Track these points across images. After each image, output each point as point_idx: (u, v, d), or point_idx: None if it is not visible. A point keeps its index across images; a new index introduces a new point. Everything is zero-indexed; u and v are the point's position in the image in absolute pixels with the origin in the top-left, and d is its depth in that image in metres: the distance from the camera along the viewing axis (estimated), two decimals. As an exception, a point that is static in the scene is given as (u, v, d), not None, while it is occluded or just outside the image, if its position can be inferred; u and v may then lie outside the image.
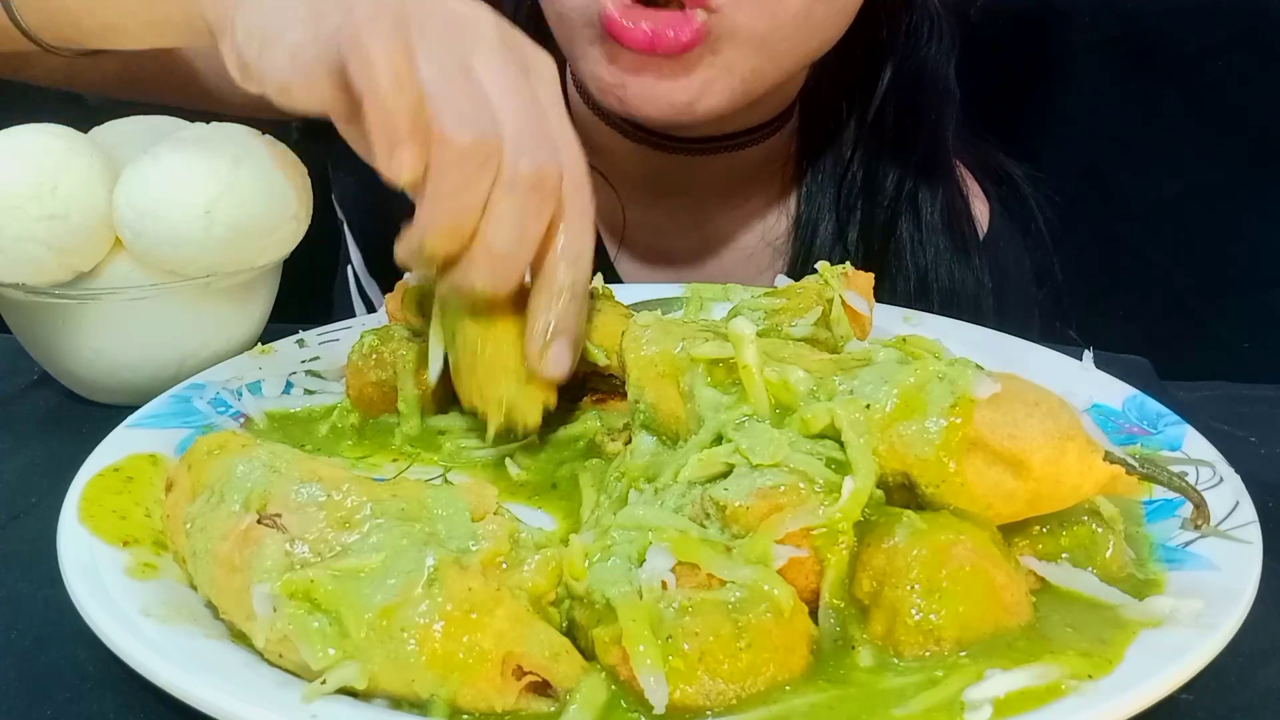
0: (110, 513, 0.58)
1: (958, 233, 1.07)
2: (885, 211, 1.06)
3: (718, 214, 1.12)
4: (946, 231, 1.06)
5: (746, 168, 1.10)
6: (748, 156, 1.09)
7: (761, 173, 1.11)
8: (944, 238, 1.06)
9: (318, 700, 0.44)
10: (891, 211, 1.06)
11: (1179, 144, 1.34)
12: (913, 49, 1.05)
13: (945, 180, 1.08)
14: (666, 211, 1.12)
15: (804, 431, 0.53)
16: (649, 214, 1.11)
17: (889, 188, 1.06)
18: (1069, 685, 0.45)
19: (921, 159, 1.06)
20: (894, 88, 1.05)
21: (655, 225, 1.12)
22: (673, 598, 0.46)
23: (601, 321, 0.72)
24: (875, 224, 1.06)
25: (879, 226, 1.06)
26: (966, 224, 1.09)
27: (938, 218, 1.06)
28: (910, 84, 1.06)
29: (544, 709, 0.45)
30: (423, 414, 0.73)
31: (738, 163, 1.09)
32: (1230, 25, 1.29)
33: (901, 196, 1.06)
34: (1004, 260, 1.14)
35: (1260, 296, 1.34)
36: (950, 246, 1.06)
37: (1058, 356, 0.78)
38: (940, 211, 1.06)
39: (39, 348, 0.80)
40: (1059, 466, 0.51)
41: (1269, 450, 0.75)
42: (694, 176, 1.09)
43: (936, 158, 1.08)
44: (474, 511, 0.50)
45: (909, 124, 1.06)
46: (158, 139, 0.78)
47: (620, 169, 1.09)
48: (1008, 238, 1.16)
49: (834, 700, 0.45)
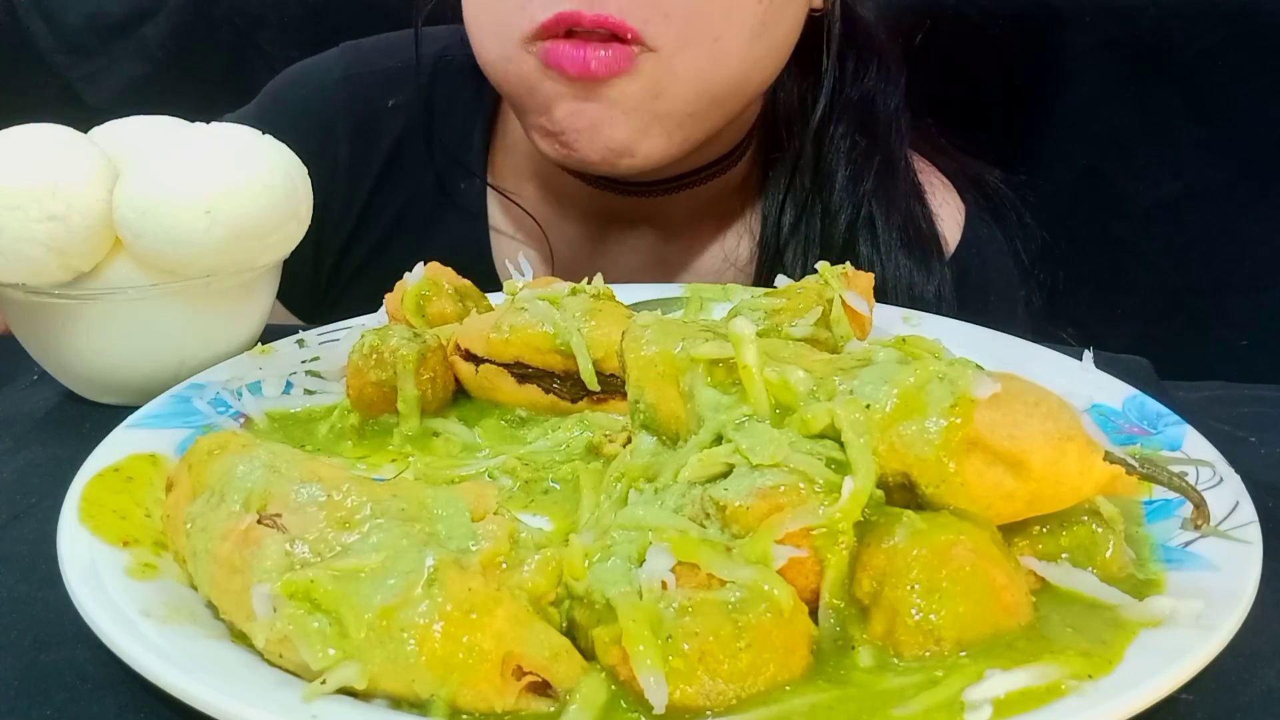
0: (110, 513, 0.58)
1: (917, 247, 1.08)
2: (843, 233, 1.07)
3: (681, 244, 1.14)
4: (904, 248, 1.08)
5: (708, 198, 1.12)
6: (708, 189, 1.11)
7: (722, 201, 1.13)
8: (902, 253, 1.07)
9: (318, 700, 0.44)
10: (849, 232, 1.07)
11: (1178, 145, 1.34)
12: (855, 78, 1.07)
13: (902, 198, 1.10)
14: (630, 247, 1.14)
15: (804, 431, 0.53)
16: (614, 249, 1.13)
17: (845, 208, 1.07)
18: (1069, 685, 0.45)
19: (876, 179, 1.08)
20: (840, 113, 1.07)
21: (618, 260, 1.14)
22: (673, 598, 0.46)
23: (601, 321, 0.72)
24: (834, 244, 1.07)
25: (837, 247, 1.07)
26: (928, 238, 1.10)
27: (895, 236, 1.07)
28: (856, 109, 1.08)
29: (544, 709, 0.45)
30: (422, 414, 0.73)
31: (699, 196, 1.11)
32: (1229, 27, 1.29)
33: (859, 219, 1.07)
34: (983, 265, 1.15)
35: (1260, 296, 1.34)
36: (909, 260, 1.07)
37: (1058, 356, 0.78)
38: (898, 229, 1.08)
39: (39, 348, 0.80)
40: (1059, 467, 0.51)
41: (1269, 450, 0.75)
42: (657, 213, 1.12)
43: (891, 177, 1.09)
44: (474, 511, 0.50)
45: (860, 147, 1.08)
46: (158, 139, 0.78)
47: (583, 209, 1.12)
48: (988, 242, 1.16)
49: (834, 700, 0.45)
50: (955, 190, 1.17)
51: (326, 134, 1.14)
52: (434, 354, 0.74)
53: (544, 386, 0.74)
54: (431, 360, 0.74)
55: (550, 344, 0.72)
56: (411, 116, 1.14)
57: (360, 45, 1.21)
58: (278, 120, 1.09)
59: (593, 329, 0.72)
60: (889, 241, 1.07)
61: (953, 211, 1.15)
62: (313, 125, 1.13)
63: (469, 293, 0.84)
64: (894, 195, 1.08)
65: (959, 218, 1.15)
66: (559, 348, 0.72)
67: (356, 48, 1.20)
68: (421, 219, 1.14)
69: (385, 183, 1.15)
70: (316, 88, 1.17)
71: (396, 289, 0.84)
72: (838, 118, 1.07)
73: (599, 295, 0.76)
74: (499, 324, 0.74)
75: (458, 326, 0.78)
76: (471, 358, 0.75)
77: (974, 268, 1.13)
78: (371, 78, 1.16)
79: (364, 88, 1.15)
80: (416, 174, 1.15)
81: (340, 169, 1.14)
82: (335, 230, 1.15)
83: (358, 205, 1.15)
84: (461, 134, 1.14)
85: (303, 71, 1.20)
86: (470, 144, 1.14)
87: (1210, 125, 1.32)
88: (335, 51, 1.20)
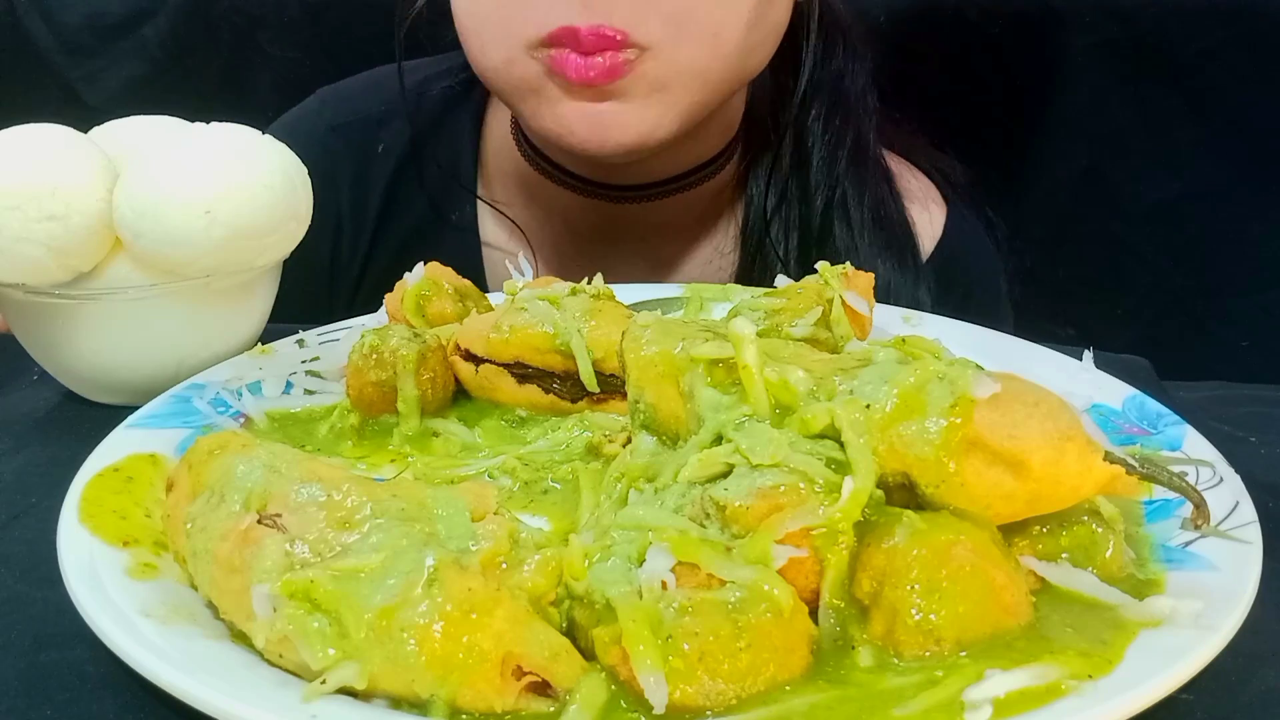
0: (110, 513, 0.58)
1: (889, 235, 1.10)
2: (819, 215, 1.10)
3: (671, 249, 1.16)
4: (876, 230, 1.10)
5: (697, 202, 1.14)
6: (699, 193, 1.13)
7: (710, 203, 1.15)
8: (873, 234, 1.10)
9: (318, 700, 0.44)
10: (825, 215, 1.09)
11: (1178, 145, 1.34)
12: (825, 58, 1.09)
13: (873, 180, 1.12)
14: (620, 255, 1.15)
15: (804, 431, 0.53)
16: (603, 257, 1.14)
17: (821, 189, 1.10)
18: (1069, 685, 0.45)
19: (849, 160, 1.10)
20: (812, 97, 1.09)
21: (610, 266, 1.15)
22: (673, 598, 0.46)
23: (601, 321, 0.72)
24: (811, 228, 1.10)
25: (815, 230, 1.09)
26: (899, 228, 1.12)
27: (867, 215, 1.10)
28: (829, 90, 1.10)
29: (544, 709, 0.45)
30: (422, 414, 0.73)
31: (688, 200, 1.13)
32: (1229, 27, 1.29)
33: (834, 200, 1.09)
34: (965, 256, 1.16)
35: (1260, 296, 1.34)
36: (882, 247, 1.09)
37: (1058, 356, 0.78)
38: (869, 211, 1.10)
39: (39, 348, 0.80)
40: (1059, 467, 0.51)
41: (1269, 450, 0.75)
42: (647, 220, 1.13)
43: (863, 158, 1.11)
44: (474, 512, 0.50)
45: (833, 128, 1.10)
46: (158, 139, 0.78)
47: (572, 219, 1.14)
48: (970, 235, 1.18)
49: (834, 700, 0.45)
50: (934, 185, 1.19)
51: (327, 185, 1.16)
52: (434, 354, 0.74)
53: (544, 386, 0.74)
54: (431, 360, 0.74)
55: (550, 344, 0.72)
56: (400, 156, 1.18)
57: (338, 90, 1.25)
58: None
59: (593, 329, 0.72)
60: (862, 222, 1.10)
61: (933, 205, 1.17)
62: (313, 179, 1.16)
63: (469, 293, 0.84)
64: (865, 176, 1.11)
65: (939, 212, 1.17)
66: (559, 348, 0.72)
67: (335, 93, 1.24)
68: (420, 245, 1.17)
69: (385, 222, 1.19)
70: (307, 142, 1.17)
71: (396, 289, 0.84)
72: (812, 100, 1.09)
73: (599, 295, 0.76)
74: (499, 324, 0.74)
75: (458, 326, 0.78)
76: (471, 358, 0.75)
77: (956, 261, 1.15)
78: (360, 125, 1.20)
79: (354, 135, 1.19)
80: (413, 206, 1.18)
81: (345, 217, 1.18)
82: (345, 275, 1.19)
83: (363, 247, 1.19)
84: (453, 158, 1.17)
85: (290, 127, 1.22)
86: (461, 166, 1.17)
87: (1210, 125, 1.32)
88: (315, 101, 1.24)
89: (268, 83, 1.56)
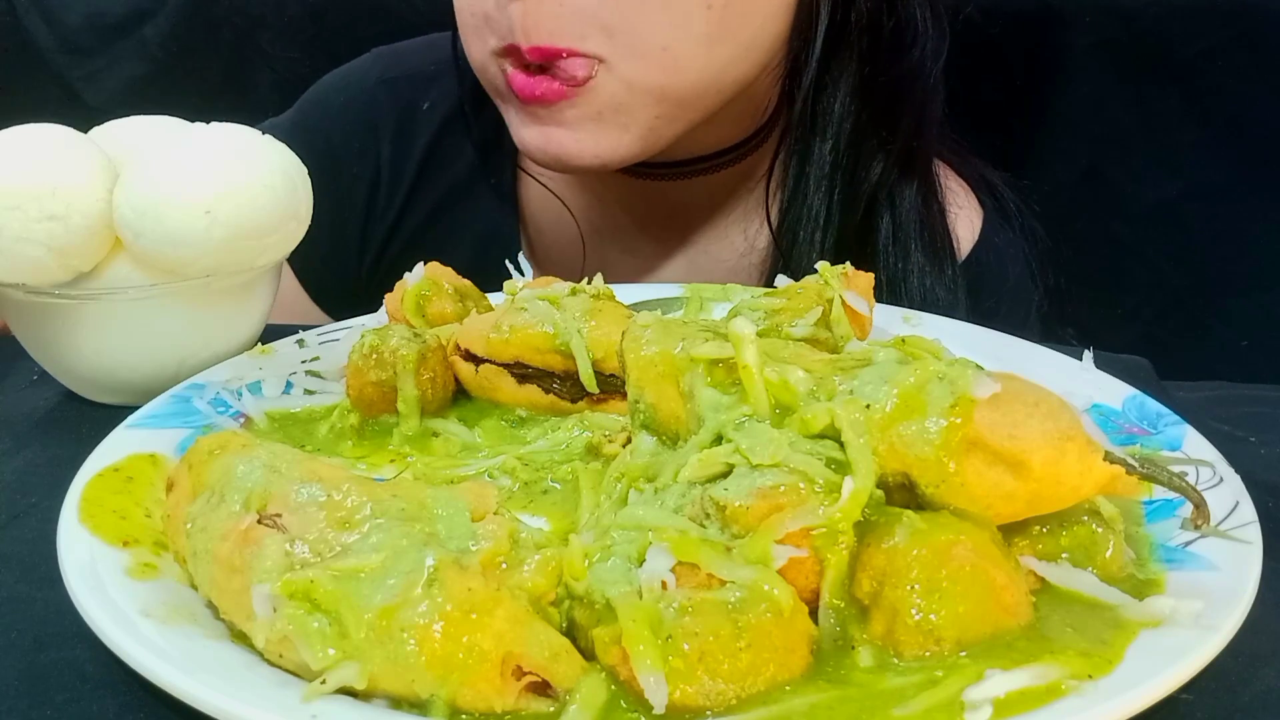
0: (110, 513, 0.58)
1: (930, 241, 1.08)
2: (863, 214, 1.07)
3: (700, 233, 1.16)
4: (919, 235, 1.07)
5: (730, 184, 1.13)
6: (730, 174, 1.11)
7: (741, 188, 1.14)
8: (916, 241, 1.07)
9: (318, 700, 0.44)
10: (869, 214, 1.07)
11: (1178, 145, 1.34)
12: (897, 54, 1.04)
13: (920, 182, 1.09)
14: (651, 233, 1.16)
15: (804, 431, 0.53)
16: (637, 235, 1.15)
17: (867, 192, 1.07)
18: (1069, 685, 0.45)
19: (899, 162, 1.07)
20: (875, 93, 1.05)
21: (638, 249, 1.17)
22: (673, 598, 0.46)
23: (601, 321, 0.72)
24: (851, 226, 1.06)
25: (855, 229, 1.06)
26: (941, 234, 1.09)
27: (913, 215, 1.07)
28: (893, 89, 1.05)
29: (544, 709, 0.45)
30: (422, 414, 0.73)
31: (720, 182, 1.12)
32: (1229, 27, 1.29)
33: (879, 200, 1.07)
34: (999, 267, 1.14)
35: (1260, 296, 1.34)
36: (922, 252, 1.07)
37: (1058, 356, 0.78)
38: (913, 211, 1.07)
39: (39, 348, 0.80)
40: (1059, 467, 0.51)
41: (1269, 450, 0.75)
42: (674, 199, 1.13)
43: (913, 161, 1.09)
44: (474, 512, 0.50)
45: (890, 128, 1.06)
46: (158, 139, 0.78)
47: (602, 196, 1.14)
48: (1005, 245, 1.16)
49: (834, 700, 0.45)
50: (973, 193, 1.17)
51: (370, 133, 1.19)
52: (434, 354, 0.74)
53: (544, 387, 0.74)
54: (431, 360, 0.74)
55: (550, 344, 0.72)
56: (446, 114, 1.19)
57: (395, 48, 1.26)
58: (322, 123, 1.18)
59: (593, 329, 0.72)
60: (907, 221, 1.07)
61: (970, 214, 1.15)
62: (357, 126, 1.20)
63: (469, 293, 0.84)
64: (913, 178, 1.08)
65: (976, 220, 1.15)
66: (559, 348, 0.72)
67: (392, 52, 1.26)
68: (456, 208, 1.19)
69: (424, 178, 1.20)
70: (357, 91, 1.22)
71: (396, 289, 0.84)
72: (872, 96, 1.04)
73: (599, 295, 0.76)
74: (499, 324, 0.74)
75: (458, 326, 0.78)
76: (471, 358, 0.75)
77: (990, 269, 1.13)
78: (408, 81, 1.21)
79: (401, 90, 1.20)
80: (453, 166, 1.20)
81: (384, 166, 1.19)
82: (379, 223, 1.20)
83: (399, 199, 1.19)
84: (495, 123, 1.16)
85: (341, 77, 1.25)
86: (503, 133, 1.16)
87: (1210, 125, 1.32)
88: (369, 56, 1.26)
89: (268, 83, 1.56)
